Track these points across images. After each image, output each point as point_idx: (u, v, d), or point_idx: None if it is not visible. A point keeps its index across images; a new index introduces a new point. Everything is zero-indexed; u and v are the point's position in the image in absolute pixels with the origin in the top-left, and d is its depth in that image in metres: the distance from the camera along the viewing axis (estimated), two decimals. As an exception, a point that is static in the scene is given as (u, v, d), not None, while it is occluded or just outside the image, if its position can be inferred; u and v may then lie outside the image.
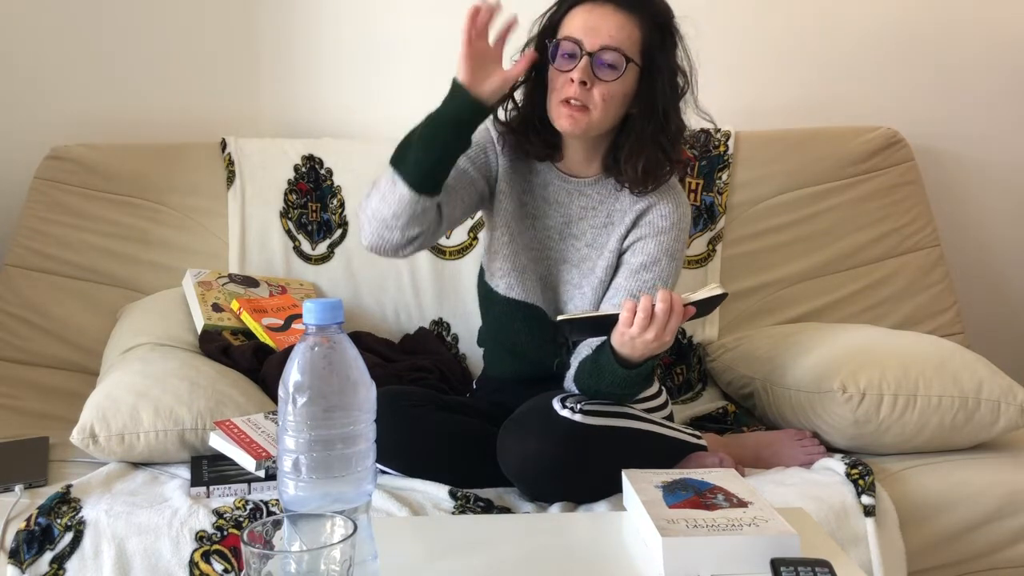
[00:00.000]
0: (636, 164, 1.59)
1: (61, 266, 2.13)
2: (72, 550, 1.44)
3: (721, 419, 1.99)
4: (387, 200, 1.53)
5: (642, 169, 1.59)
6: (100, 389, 1.67)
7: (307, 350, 0.99)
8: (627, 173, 1.61)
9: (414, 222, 1.53)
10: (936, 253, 2.31)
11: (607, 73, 1.54)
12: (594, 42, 1.53)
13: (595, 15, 1.55)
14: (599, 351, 1.52)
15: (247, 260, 2.18)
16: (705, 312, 1.51)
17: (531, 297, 1.67)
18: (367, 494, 1.01)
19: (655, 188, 1.62)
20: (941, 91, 2.49)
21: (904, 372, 1.69)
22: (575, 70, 1.53)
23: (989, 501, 1.62)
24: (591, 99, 1.54)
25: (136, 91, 2.34)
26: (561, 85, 1.55)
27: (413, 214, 1.52)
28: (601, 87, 1.54)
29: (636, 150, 1.59)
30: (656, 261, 1.62)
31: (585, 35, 1.54)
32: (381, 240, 1.56)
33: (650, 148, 1.59)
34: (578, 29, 1.55)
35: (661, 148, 1.60)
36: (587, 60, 1.53)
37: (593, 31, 1.54)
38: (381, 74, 2.39)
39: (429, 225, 1.55)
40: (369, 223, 1.56)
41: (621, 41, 1.54)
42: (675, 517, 1.12)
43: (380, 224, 1.54)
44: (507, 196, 1.67)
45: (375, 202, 1.55)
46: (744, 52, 2.43)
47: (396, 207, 1.52)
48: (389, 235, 1.55)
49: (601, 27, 1.54)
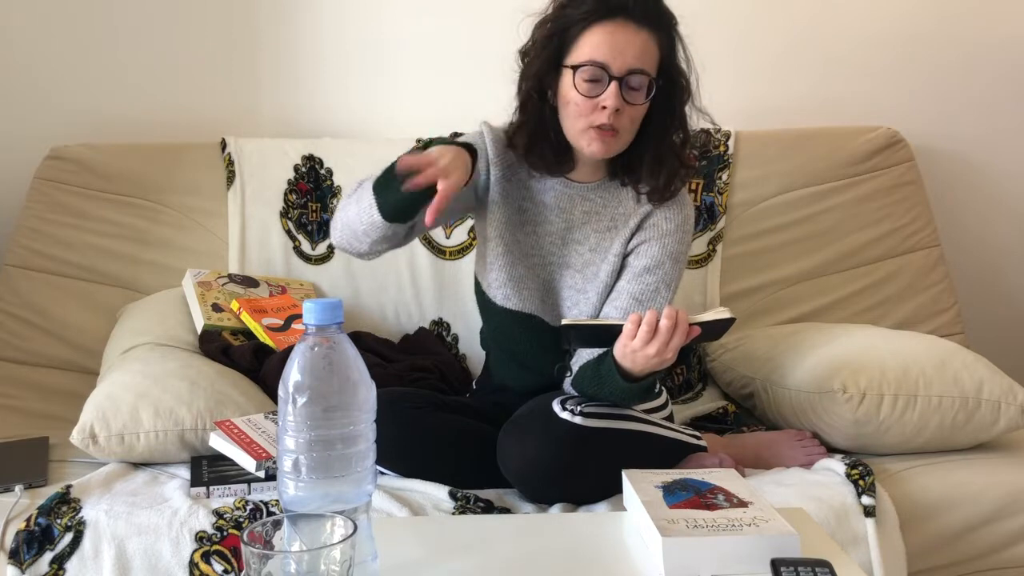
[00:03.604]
0: (659, 175, 1.58)
1: (61, 266, 2.14)
2: (72, 550, 1.44)
3: (721, 419, 1.99)
4: (362, 218, 1.53)
5: (665, 179, 1.59)
6: (100, 389, 1.67)
7: (307, 350, 0.99)
8: (649, 184, 1.60)
9: (384, 240, 1.55)
10: (936, 253, 2.31)
11: (636, 97, 1.52)
12: (621, 66, 1.49)
13: (619, 36, 1.50)
14: (601, 360, 1.52)
15: (247, 260, 2.18)
16: (712, 336, 1.49)
17: (528, 307, 1.66)
18: (367, 494, 1.01)
19: (673, 196, 1.61)
20: (941, 91, 2.49)
21: (904, 372, 1.69)
22: (606, 96, 1.50)
23: (989, 501, 1.62)
24: (621, 123, 1.52)
25: (136, 91, 2.34)
26: (589, 111, 1.52)
27: (384, 236, 1.54)
28: (630, 110, 1.52)
29: (659, 161, 1.58)
30: (660, 264, 1.62)
31: (611, 59, 1.49)
32: (349, 247, 1.60)
33: (672, 158, 1.58)
34: (602, 51, 1.50)
35: (678, 156, 1.59)
36: (616, 86, 1.49)
37: (619, 54, 1.49)
38: (381, 74, 2.39)
39: (399, 240, 1.58)
40: (342, 228, 1.58)
41: (646, 62, 1.51)
42: (675, 517, 1.12)
43: (351, 234, 1.56)
44: (500, 206, 1.65)
45: (352, 212, 1.55)
46: (744, 52, 2.43)
47: (369, 227, 1.53)
48: (358, 245, 1.58)
49: (627, 49, 1.49)
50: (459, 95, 2.32)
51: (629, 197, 1.64)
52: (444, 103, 2.35)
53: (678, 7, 1.60)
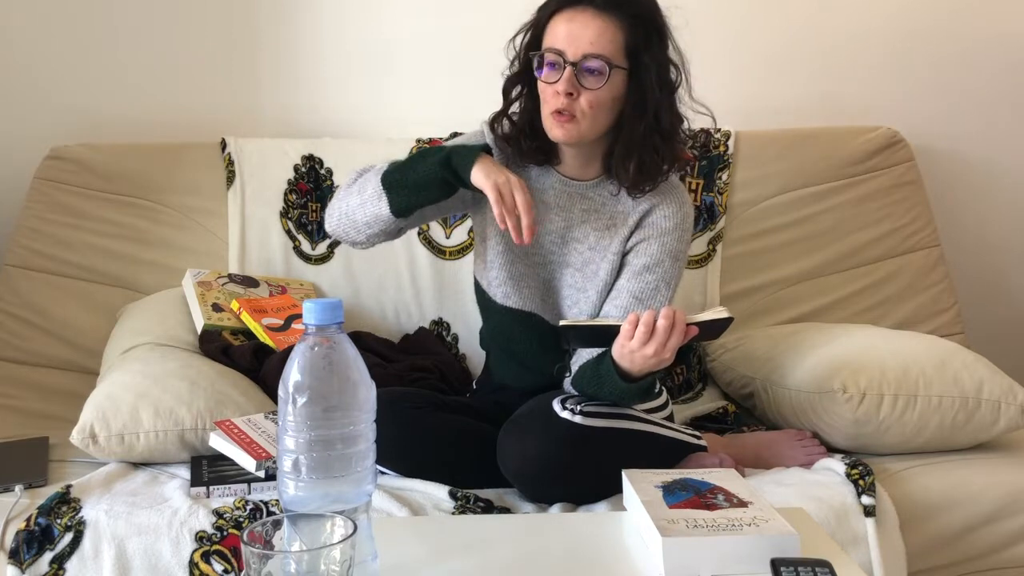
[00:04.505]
0: (628, 165, 1.57)
1: (61, 266, 2.14)
2: (72, 550, 1.44)
3: (721, 419, 1.99)
4: (365, 209, 1.57)
5: (635, 170, 1.57)
6: (100, 389, 1.67)
7: (307, 350, 0.99)
8: (621, 175, 1.59)
9: (383, 233, 1.60)
10: (936, 253, 2.31)
11: (592, 81, 1.52)
12: (576, 51, 1.51)
13: (576, 23, 1.52)
14: (600, 359, 1.52)
15: (247, 260, 2.18)
16: (710, 336, 1.49)
17: (528, 305, 1.66)
18: (367, 494, 1.01)
19: (652, 189, 1.60)
20: (941, 91, 2.49)
21: (904, 372, 1.69)
22: (560, 81, 1.52)
23: (989, 501, 1.62)
24: (578, 108, 1.53)
25: (136, 91, 2.34)
26: (549, 97, 1.54)
27: (385, 229, 1.58)
28: (588, 95, 1.52)
29: (627, 151, 1.57)
30: (659, 263, 1.61)
31: (567, 44, 1.51)
32: (345, 236, 1.63)
33: (641, 148, 1.56)
34: (560, 39, 1.52)
35: (653, 147, 1.57)
36: (570, 70, 1.51)
37: (575, 40, 1.51)
38: (381, 74, 2.39)
39: (396, 233, 1.62)
40: (340, 217, 1.61)
41: (603, 47, 1.51)
42: (675, 517, 1.12)
43: (349, 224, 1.60)
44: None
45: (353, 202, 1.59)
46: (744, 52, 2.43)
47: (371, 220, 1.57)
48: (355, 235, 1.62)
49: (582, 35, 1.51)
50: (459, 95, 2.32)
51: (627, 195, 1.64)
52: (444, 103, 2.35)
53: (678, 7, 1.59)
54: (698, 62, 1.60)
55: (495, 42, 1.62)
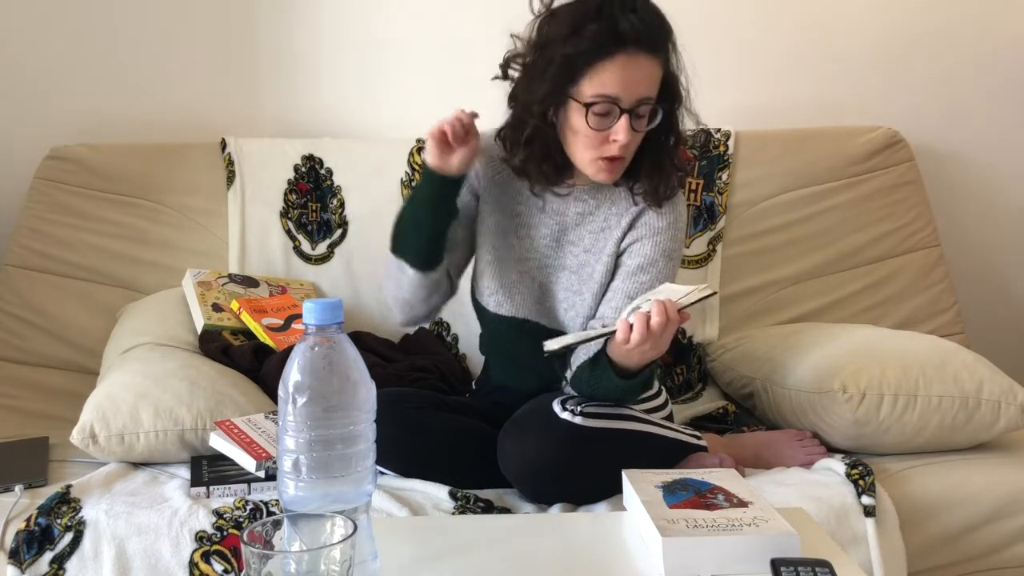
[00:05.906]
0: (656, 179, 1.58)
1: (61, 266, 2.14)
2: (72, 550, 1.44)
3: (721, 419, 1.99)
4: (401, 285, 1.63)
5: (663, 183, 1.59)
6: (100, 389, 1.67)
7: (307, 350, 0.99)
8: (648, 189, 1.59)
9: (432, 293, 1.65)
10: (936, 253, 2.31)
11: (642, 124, 1.52)
12: (630, 97, 1.48)
13: (629, 71, 1.46)
14: (596, 359, 1.52)
15: (247, 260, 2.18)
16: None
17: (522, 312, 1.66)
18: (367, 494, 1.01)
19: (669, 198, 1.61)
20: (941, 91, 2.49)
21: (904, 372, 1.69)
22: (617, 130, 1.49)
23: (989, 501, 1.62)
24: (628, 150, 1.53)
25: (136, 91, 2.34)
26: (600, 143, 1.51)
27: (428, 288, 1.63)
28: (637, 136, 1.53)
29: (658, 167, 1.58)
30: (653, 262, 1.61)
31: (622, 91, 1.47)
32: (412, 318, 1.70)
33: (668, 164, 1.59)
34: (614, 85, 1.46)
35: (672, 161, 1.60)
36: (627, 119, 1.48)
37: (629, 86, 1.47)
38: (381, 74, 2.39)
39: (445, 286, 1.68)
40: (395, 305, 1.69)
41: (652, 89, 1.50)
42: (675, 517, 1.12)
43: (404, 305, 1.66)
44: (489, 213, 1.66)
45: (392, 288, 1.66)
46: (744, 52, 2.43)
47: (411, 288, 1.63)
48: (416, 312, 1.68)
49: (638, 80, 1.47)
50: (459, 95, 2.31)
51: (622, 197, 1.63)
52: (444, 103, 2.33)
53: (678, 7, 1.59)
54: (699, 63, 1.59)
55: (495, 42, 1.62)
